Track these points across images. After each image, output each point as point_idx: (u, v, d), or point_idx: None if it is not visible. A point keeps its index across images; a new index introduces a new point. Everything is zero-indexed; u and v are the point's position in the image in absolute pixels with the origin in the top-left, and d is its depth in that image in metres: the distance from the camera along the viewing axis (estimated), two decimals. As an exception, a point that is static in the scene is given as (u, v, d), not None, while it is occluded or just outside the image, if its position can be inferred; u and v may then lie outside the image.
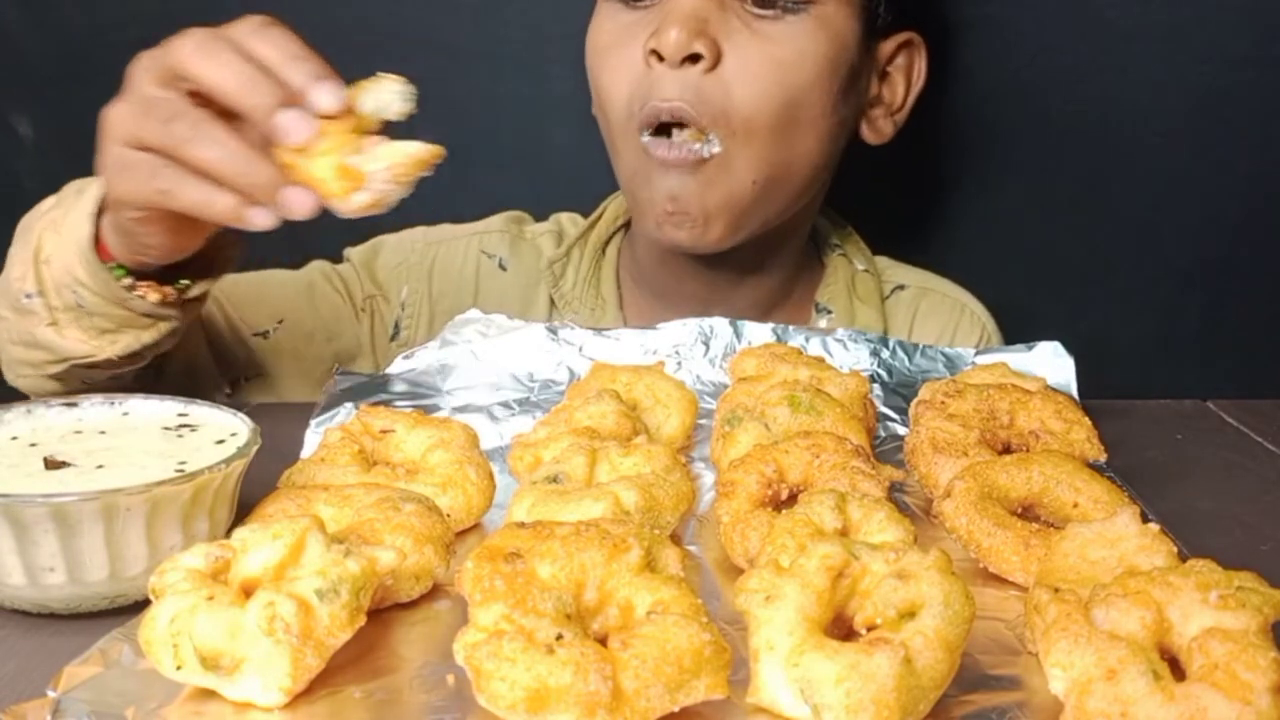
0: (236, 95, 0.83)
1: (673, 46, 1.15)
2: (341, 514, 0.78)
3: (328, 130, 0.82)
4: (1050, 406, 0.97)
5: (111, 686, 0.65)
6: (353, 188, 0.83)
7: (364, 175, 0.82)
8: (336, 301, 1.38)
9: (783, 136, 1.21)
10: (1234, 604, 0.63)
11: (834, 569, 0.65)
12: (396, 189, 0.84)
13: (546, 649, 0.60)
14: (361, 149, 0.83)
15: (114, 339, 1.01)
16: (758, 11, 1.19)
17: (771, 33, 1.19)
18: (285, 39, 0.84)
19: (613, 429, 0.93)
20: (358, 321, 1.40)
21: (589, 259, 1.40)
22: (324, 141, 0.82)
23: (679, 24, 1.15)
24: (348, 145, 0.83)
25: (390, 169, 0.82)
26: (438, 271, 1.42)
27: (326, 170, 0.82)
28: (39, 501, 0.72)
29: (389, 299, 1.42)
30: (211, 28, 0.88)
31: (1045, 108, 1.58)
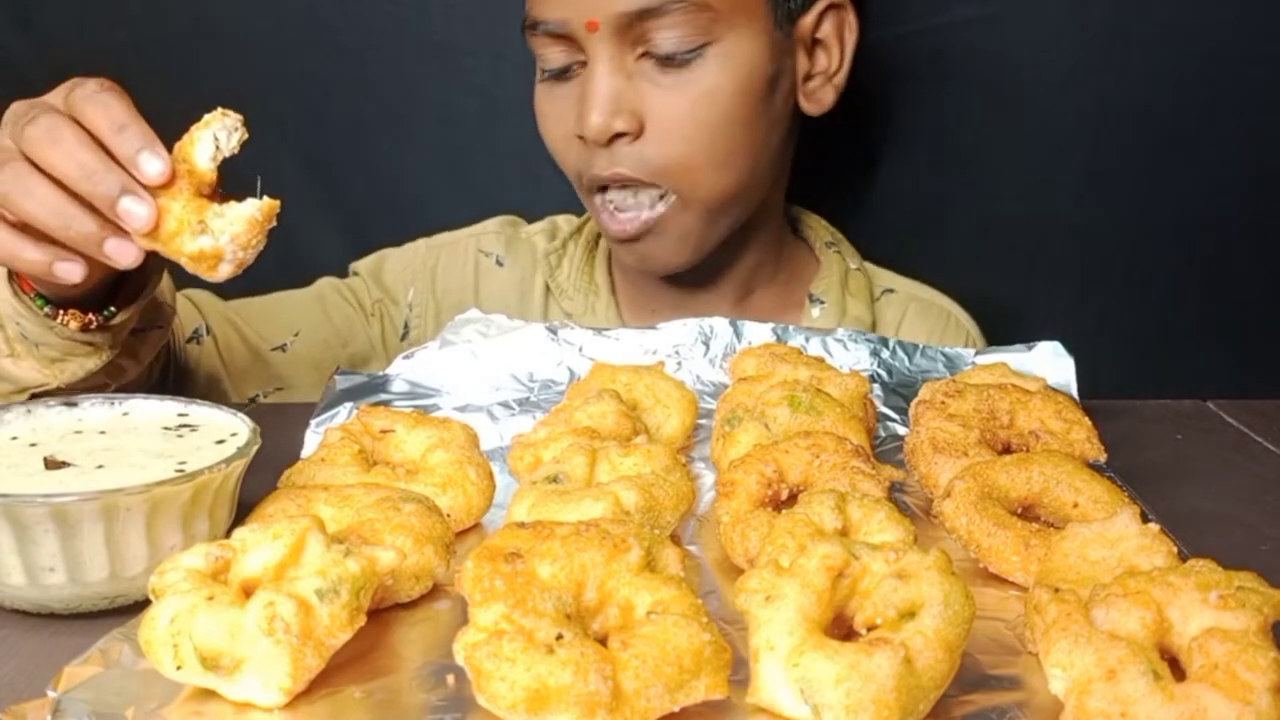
0: (80, 185, 0.85)
1: (594, 132, 1.24)
2: (341, 514, 0.78)
3: (168, 208, 0.85)
4: (1050, 406, 0.97)
5: (111, 686, 0.65)
6: (215, 264, 0.86)
7: (220, 252, 0.85)
8: (347, 310, 1.45)
9: (722, 165, 1.27)
10: (1234, 604, 0.63)
11: (834, 569, 0.65)
12: (252, 251, 0.87)
13: (546, 649, 0.60)
14: (205, 221, 0.85)
15: (62, 367, 1.03)
16: (666, 62, 1.24)
17: (680, 84, 1.24)
18: (115, 106, 0.86)
19: (613, 429, 0.93)
20: (369, 326, 1.46)
21: (583, 251, 1.46)
22: (170, 218, 0.85)
23: (596, 109, 1.23)
24: (191, 219, 0.85)
25: (235, 240, 0.85)
26: (440, 272, 1.48)
27: (183, 257, 0.85)
28: (39, 501, 0.72)
29: (397, 302, 1.47)
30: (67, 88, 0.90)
31: (1043, 106, 1.58)
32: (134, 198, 0.84)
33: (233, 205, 0.86)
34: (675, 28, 1.22)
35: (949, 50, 1.56)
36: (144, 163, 0.84)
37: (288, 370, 1.38)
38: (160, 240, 0.85)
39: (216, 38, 1.59)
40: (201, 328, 1.33)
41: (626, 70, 1.24)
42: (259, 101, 1.59)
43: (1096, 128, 1.59)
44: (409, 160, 1.64)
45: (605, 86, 1.23)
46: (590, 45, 1.24)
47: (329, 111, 1.61)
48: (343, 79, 1.60)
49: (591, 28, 1.23)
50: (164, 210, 0.85)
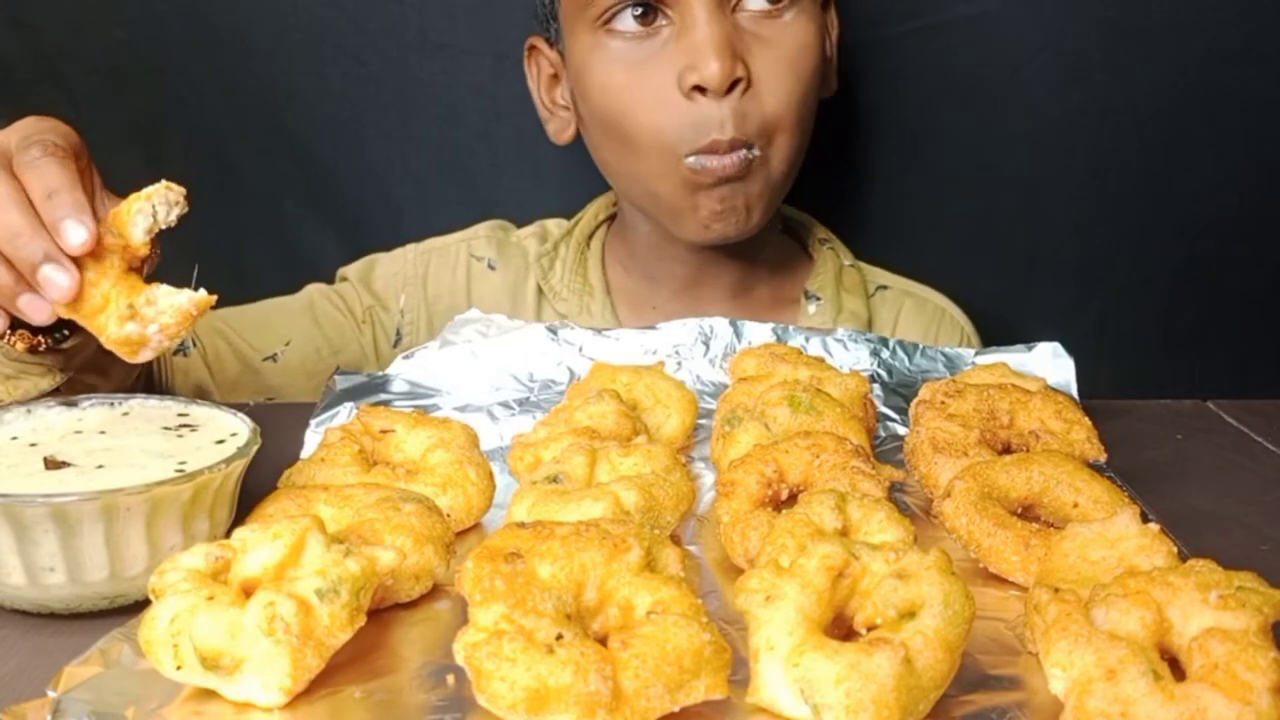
0: (2, 246, 0.83)
1: (718, 79, 1.20)
2: (341, 514, 0.78)
3: (95, 284, 0.83)
4: (1050, 406, 0.97)
5: (111, 686, 0.65)
6: (138, 348, 0.84)
7: (146, 339, 0.83)
8: (338, 317, 1.43)
9: (802, 125, 1.30)
10: (1234, 604, 0.63)
11: (834, 569, 0.65)
12: (175, 340, 0.85)
13: (546, 649, 0.60)
14: (133, 303, 0.83)
15: (16, 384, 1.02)
16: (764, 10, 1.25)
17: (778, 36, 1.25)
18: (51, 171, 0.85)
19: (613, 429, 0.93)
20: (360, 333, 1.45)
21: (575, 252, 1.45)
22: (96, 295, 0.83)
23: (717, 55, 1.20)
24: (119, 301, 0.83)
25: (163, 330, 0.83)
26: (431, 278, 1.48)
27: (104, 336, 0.83)
28: (39, 501, 0.72)
29: (388, 308, 1.47)
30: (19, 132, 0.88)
31: (1042, 105, 1.58)
32: (55, 266, 0.82)
33: (165, 293, 0.83)
34: None
35: (948, 49, 1.56)
36: (67, 230, 0.82)
37: (280, 380, 1.37)
38: (83, 314, 0.83)
39: (214, 37, 1.59)
40: (188, 340, 1.33)
41: (728, 19, 1.23)
42: (257, 101, 1.61)
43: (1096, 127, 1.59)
44: (408, 160, 1.64)
45: (720, 32, 1.21)
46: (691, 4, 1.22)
47: (327, 111, 1.61)
48: (341, 78, 1.59)
49: None
50: (90, 284, 0.82)
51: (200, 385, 1.32)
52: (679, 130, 1.24)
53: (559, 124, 1.40)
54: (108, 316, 0.83)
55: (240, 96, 1.60)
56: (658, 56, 1.24)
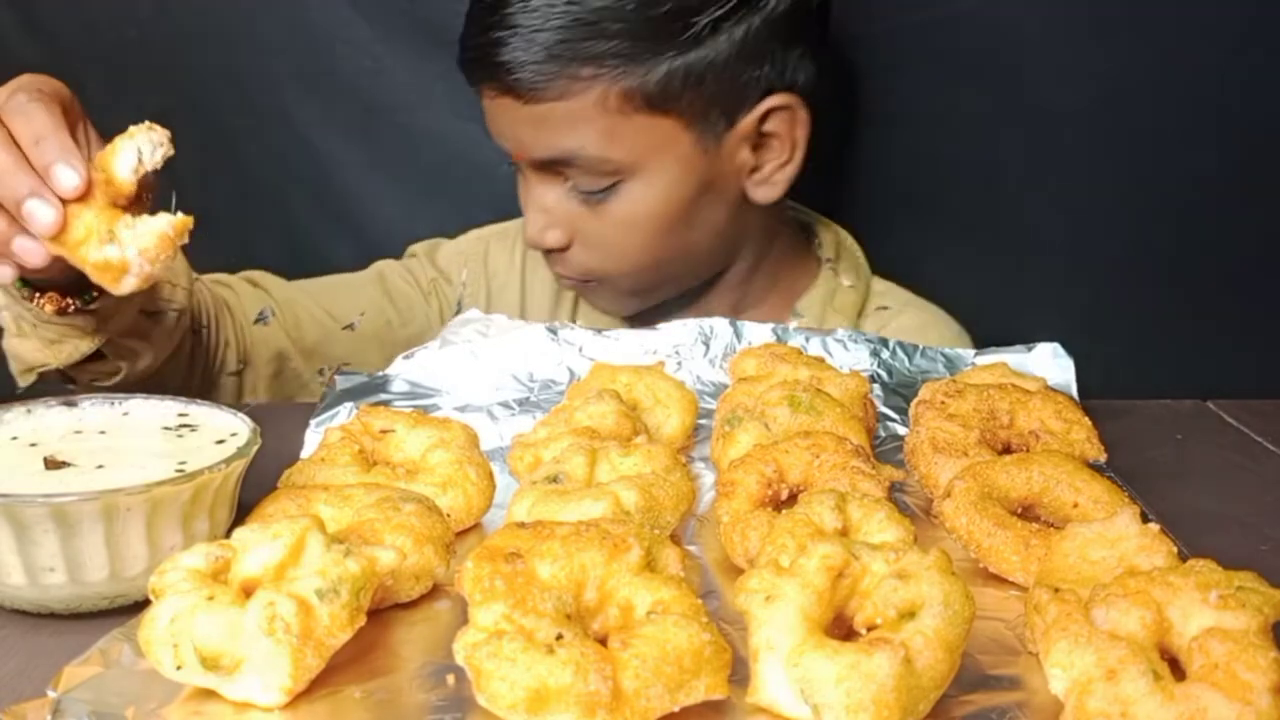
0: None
1: (530, 243, 1.35)
2: (341, 514, 0.78)
3: (78, 215, 0.84)
4: (1050, 406, 0.97)
5: (111, 686, 0.65)
6: (120, 275, 0.85)
7: (127, 264, 0.85)
8: (406, 289, 1.51)
9: (647, 269, 1.35)
10: (1234, 604, 0.63)
11: (834, 569, 0.65)
12: (160, 265, 0.86)
13: (546, 649, 0.60)
14: (115, 231, 0.84)
15: (59, 349, 1.06)
16: (583, 199, 1.30)
17: (600, 212, 1.31)
18: (38, 117, 0.87)
19: (613, 429, 0.93)
20: (427, 305, 1.52)
21: None
22: (79, 225, 0.84)
23: (530, 224, 1.33)
24: (101, 228, 0.84)
25: (143, 253, 0.84)
26: (492, 255, 1.55)
27: (88, 265, 0.85)
28: (39, 501, 0.72)
29: (451, 281, 1.54)
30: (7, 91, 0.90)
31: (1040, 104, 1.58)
32: (40, 200, 0.84)
33: (145, 219, 0.85)
34: (583, 174, 1.28)
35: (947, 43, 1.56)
36: (58, 173, 0.84)
37: (356, 347, 1.44)
38: (66, 246, 0.85)
39: (225, 34, 1.60)
40: (268, 308, 1.39)
41: (555, 193, 1.31)
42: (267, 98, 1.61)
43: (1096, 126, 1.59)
44: (417, 156, 1.65)
45: (536, 207, 1.32)
46: (522, 169, 1.33)
47: (337, 108, 1.62)
48: (351, 75, 1.61)
49: (518, 158, 1.31)
50: (73, 216, 0.84)
51: (282, 352, 1.39)
52: None
53: None
54: (88, 246, 0.84)
55: (251, 94, 1.61)
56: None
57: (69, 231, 0.84)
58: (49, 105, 0.88)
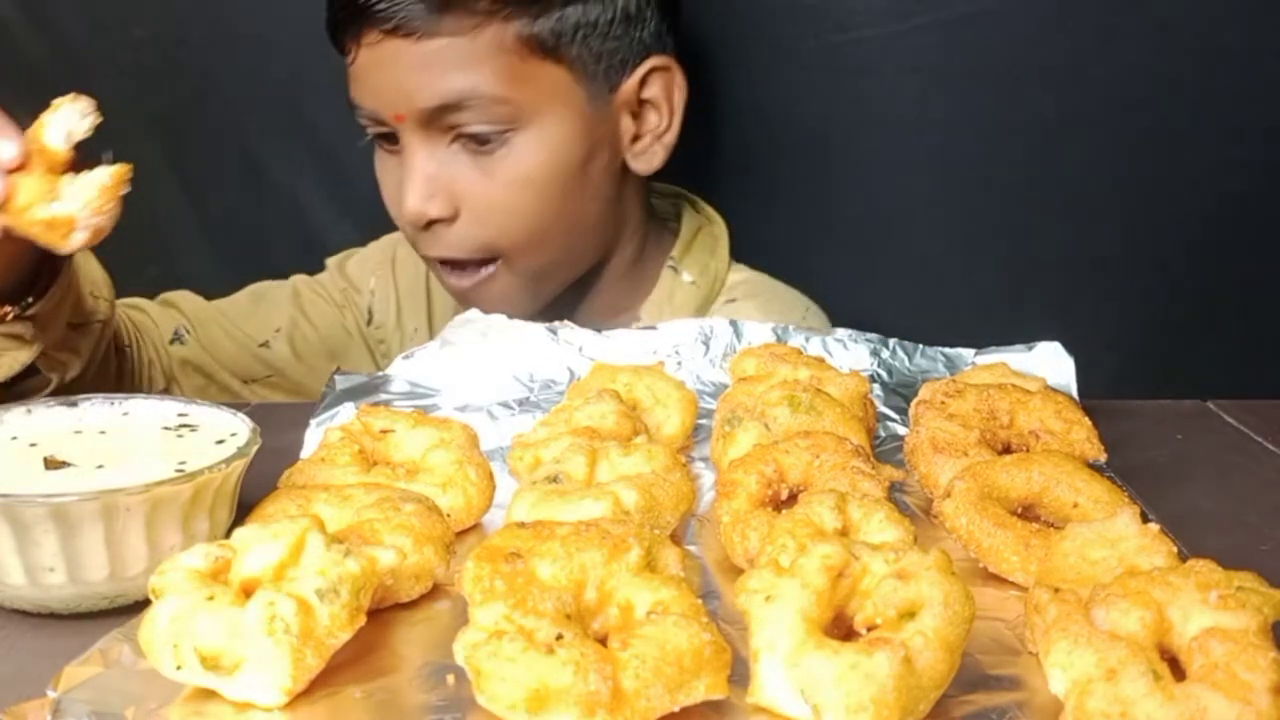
0: None
1: (409, 218, 1.29)
2: (341, 514, 0.78)
3: (20, 182, 0.86)
4: (1050, 406, 0.97)
5: (111, 686, 0.65)
6: (67, 232, 0.87)
7: (73, 219, 0.86)
8: (319, 303, 1.52)
9: (539, 241, 1.32)
10: (1234, 604, 0.63)
11: (834, 569, 0.65)
12: (105, 218, 0.87)
13: (546, 649, 0.60)
14: (57, 191, 0.87)
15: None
16: (474, 149, 1.27)
17: (490, 169, 1.28)
18: None
19: (613, 429, 0.93)
20: (342, 316, 1.53)
21: None
22: (22, 191, 0.87)
23: (410, 195, 1.27)
24: (44, 191, 0.87)
25: (87, 205, 0.86)
26: (400, 259, 1.54)
27: (36, 227, 0.87)
28: (39, 501, 0.72)
29: (359, 290, 1.55)
30: None
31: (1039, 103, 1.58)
32: None
33: (85, 174, 0.87)
34: (478, 119, 1.25)
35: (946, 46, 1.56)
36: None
37: (278, 364, 1.45)
38: (11, 213, 0.87)
39: (232, 33, 1.60)
40: (182, 327, 1.39)
41: (439, 156, 1.27)
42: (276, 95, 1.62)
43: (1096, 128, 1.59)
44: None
45: (418, 174, 1.27)
46: (402, 133, 1.27)
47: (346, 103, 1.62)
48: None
49: (399, 120, 1.27)
50: (15, 184, 0.86)
51: (202, 368, 1.39)
52: (413, 238, 1.34)
53: None
54: (34, 209, 0.86)
55: (260, 91, 1.62)
56: (394, 174, 1.32)
57: (13, 199, 0.86)
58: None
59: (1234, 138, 1.58)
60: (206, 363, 1.39)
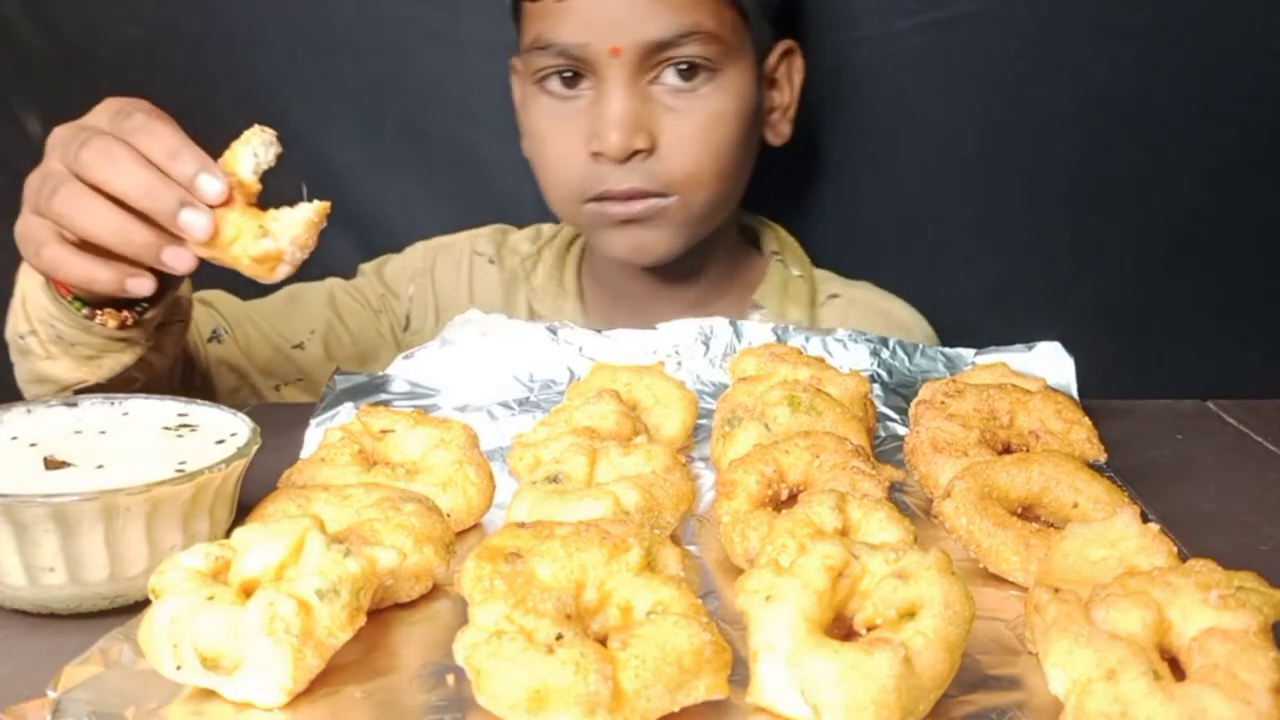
0: (140, 202, 0.91)
1: (615, 150, 1.30)
2: (341, 514, 0.78)
3: (226, 217, 0.91)
4: (1050, 406, 0.97)
5: (111, 686, 0.65)
6: (274, 265, 0.92)
7: (281, 254, 0.91)
8: (355, 307, 1.53)
9: (720, 179, 1.37)
10: (1234, 604, 0.63)
11: (834, 569, 0.65)
12: (307, 251, 0.92)
13: (546, 649, 0.60)
14: (263, 225, 0.91)
15: (99, 364, 1.08)
16: (678, 87, 1.32)
17: (690, 107, 1.33)
18: (166, 134, 0.93)
19: (613, 429, 0.93)
20: (377, 321, 1.54)
21: (556, 255, 1.54)
22: (228, 227, 0.90)
23: (617, 128, 1.29)
24: (249, 226, 0.91)
25: (294, 241, 0.91)
26: (438, 268, 1.57)
27: (245, 260, 0.91)
28: (39, 501, 0.72)
29: (398, 295, 1.56)
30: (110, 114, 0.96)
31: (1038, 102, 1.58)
32: (193, 210, 0.90)
33: (286, 210, 0.91)
34: (689, 56, 1.30)
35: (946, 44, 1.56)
36: (203, 184, 0.90)
37: (308, 366, 1.46)
38: (218, 247, 0.91)
39: (230, 36, 1.60)
40: (220, 328, 1.40)
41: (641, 91, 1.31)
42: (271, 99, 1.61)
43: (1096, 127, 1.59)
44: (420, 157, 1.65)
45: (625, 107, 1.30)
46: (607, 68, 1.30)
47: (340, 106, 1.62)
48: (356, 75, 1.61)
49: (615, 53, 1.29)
50: (221, 218, 0.90)
51: (237, 368, 1.40)
52: (580, 182, 1.35)
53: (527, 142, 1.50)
54: (243, 243, 0.90)
55: (255, 95, 1.61)
56: (575, 119, 1.34)
57: (220, 234, 0.90)
58: (170, 121, 0.94)
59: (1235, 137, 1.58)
60: (242, 363, 1.40)
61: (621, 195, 1.32)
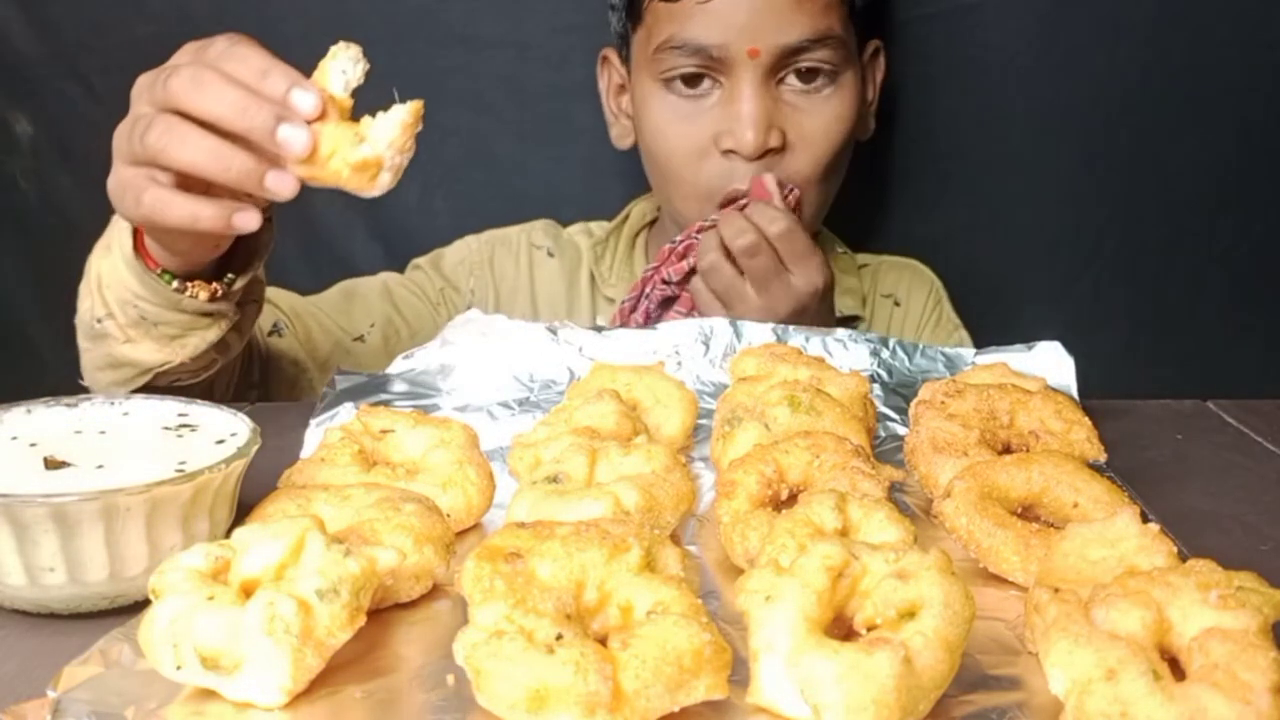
0: (235, 123, 0.89)
1: (751, 149, 1.35)
2: (341, 514, 0.78)
3: (322, 130, 0.88)
4: (1050, 406, 0.97)
5: (111, 686, 0.65)
6: (375, 173, 0.89)
7: (380, 159, 0.89)
8: (414, 301, 1.55)
9: (835, 176, 1.44)
10: (1234, 604, 0.63)
11: (834, 569, 0.65)
12: (406, 155, 0.90)
13: (546, 649, 0.60)
14: (359, 133, 0.89)
15: (183, 343, 1.07)
16: (803, 89, 1.38)
17: (817, 108, 1.39)
18: (253, 56, 0.91)
19: (613, 429, 0.93)
20: (436, 314, 1.55)
21: (624, 245, 1.58)
22: (326, 140, 0.88)
23: (753, 127, 1.34)
24: (347, 136, 0.88)
25: (392, 145, 0.88)
26: (497, 261, 1.59)
27: (345, 171, 0.89)
28: (39, 501, 0.72)
29: (459, 289, 1.58)
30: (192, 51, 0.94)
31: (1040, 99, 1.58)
32: (290, 125, 0.88)
33: (381, 115, 0.89)
34: (819, 60, 1.37)
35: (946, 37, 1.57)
36: (296, 98, 0.88)
37: (368, 359, 1.46)
38: (317, 163, 0.88)
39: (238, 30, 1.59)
40: (280, 321, 1.41)
41: (771, 93, 1.36)
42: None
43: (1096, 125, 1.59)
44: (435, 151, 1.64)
45: (760, 108, 1.35)
46: (742, 69, 1.35)
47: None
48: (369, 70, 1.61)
49: (753, 55, 1.34)
50: (317, 134, 0.88)
51: (297, 362, 1.41)
52: (710, 181, 1.38)
53: (621, 130, 1.52)
54: (341, 155, 0.88)
55: None
56: (704, 116, 1.38)
57: (319, 149, 0.88)
58: (254, 44, 0.92)
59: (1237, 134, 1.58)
60: (301, 356, 1.41)
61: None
